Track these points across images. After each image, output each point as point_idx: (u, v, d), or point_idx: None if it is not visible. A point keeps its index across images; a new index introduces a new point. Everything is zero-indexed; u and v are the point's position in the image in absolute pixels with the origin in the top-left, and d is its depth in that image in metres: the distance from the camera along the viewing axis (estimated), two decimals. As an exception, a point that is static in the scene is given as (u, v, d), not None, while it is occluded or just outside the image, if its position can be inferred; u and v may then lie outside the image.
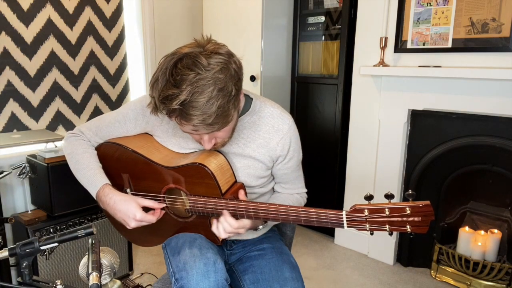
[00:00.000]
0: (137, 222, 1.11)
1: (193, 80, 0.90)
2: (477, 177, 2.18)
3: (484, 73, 1.86)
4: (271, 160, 1.19)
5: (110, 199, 1.12)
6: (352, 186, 2.55)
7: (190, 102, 0.90)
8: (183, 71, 0.91)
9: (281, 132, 1.17)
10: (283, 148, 1.17)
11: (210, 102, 0.91)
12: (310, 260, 2.46)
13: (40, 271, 1.78)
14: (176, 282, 1.03)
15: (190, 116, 0.92)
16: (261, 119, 1.17)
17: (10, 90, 2.04)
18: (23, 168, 1.87)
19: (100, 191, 1.13)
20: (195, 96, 0.90)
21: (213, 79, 0.91)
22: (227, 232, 1.06)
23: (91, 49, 2.36)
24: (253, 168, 1.17)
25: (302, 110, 2.81)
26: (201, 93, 0.90)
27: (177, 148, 1.20)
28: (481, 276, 2.09)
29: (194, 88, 0.90)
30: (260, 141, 1.16)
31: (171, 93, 0.91)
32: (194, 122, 0.93)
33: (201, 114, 0.92)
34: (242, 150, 1.17)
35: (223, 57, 0.95)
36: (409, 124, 2.25)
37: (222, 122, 0.98)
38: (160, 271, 2.26)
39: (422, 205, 0.90)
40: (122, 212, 1.11)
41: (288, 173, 1.24)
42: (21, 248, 0.81)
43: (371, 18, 2.27)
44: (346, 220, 0.96)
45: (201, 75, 0.90)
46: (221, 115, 0.95)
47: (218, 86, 0.92)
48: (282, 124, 1.17)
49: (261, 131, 1.17)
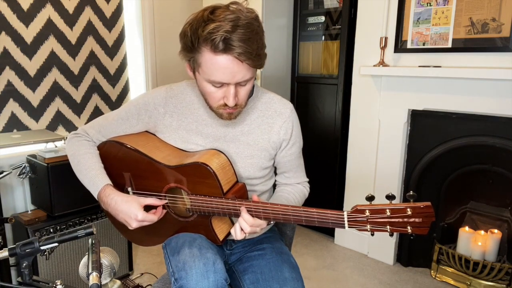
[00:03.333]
0: (138, 223, 1.10)
1: (234, 18, 0.96)
2: (477, 177, 2.18)
3: (484, 73, 1.86)
4: (275, 146, 1.20)
5: (112, 199, 1.12)
6: (352, 186, 2.55)
7: (234, 35, 0.95)
8: (224, 12, 0.97)
9: (283, 116, 1.19)
10: (286, 132, 1.20)
11: (250, 40, 0.97)
12: (310, 260, 2.46)
13: (40, 271, 1.78)
14: (176, 282, 1.03)
15: (234, 47, 0.96)
16: (263, 104, 1.20)
17: (10, 90, 2.04)
18: (23, 168, 1.87)
19: (102, 192, 1.13)
20: (237, 31, 0.95)
21: (250, 22, 0.98)
22: (245, 230, 1.05)
23: (91, 49, 2.36)
24: (257, 157, 1.18)
25: (302, 110, 2.81)
26: (242, 30, 0.96)
27: (180, 142, 1.20)
28: (481, 276, 2.09)
29: (235, 24, 0.95)
30: (264, 127, 1.19)
31: (215, 26, 0.95)
32: (239, 51, 0.96)
33: (244, 47, 0.96)
34: (246, 137, 1.18)
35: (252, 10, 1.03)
36: (409, 124, 2.25)
37: (259, 62, 1.03)
38: (160, 271, 2.26)
39: (423, 206, 0.90)
40: (124, 212, 1.11)
41: (291, 159, 1.25)
42: (21, 248, 0.81)
43: (371, 18, 2.27)
44: (347, 220, 0.96)
45: (240, 17, 0.97)
46: (258, 56, 1.01)
47: (255, 29, 0.99)
48: (284, 108, 1.20)
49: (264, 117, 1.19)
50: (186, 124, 1.19)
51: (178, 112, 1.19)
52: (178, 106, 1.20)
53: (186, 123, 1.19)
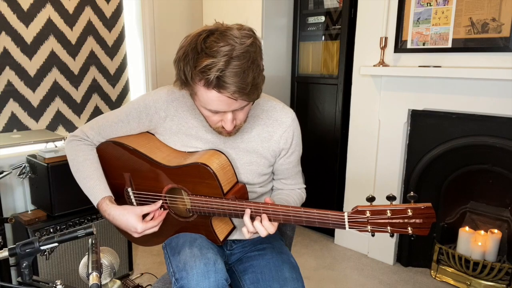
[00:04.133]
0: (140, 234, 1.12)
1: (228, 51, 0.92)
2: (477, 177, 2.18)
3: (484, 73, 1.86)
4: (274, 155, 1.20)
5: (109, 215, 1.13)
6: (352, 186, 2.55)
7: (228, 71, 0.92)
8: (217, 43, 0.93)
9: (284, 125, 1.18)
10: (286, 141, 1.19)
11: (246, 73, 0.93)
12: (310, 260, 2.46)
13: (40, 271, 1.78)
14: (176, 282, 1.03)
15: (228, 85, 0.93)
16: (264, 112, 1.19)
17: (10, 90, 2.04)
18: (23, 168, 1.87)
19: (99, 206, 1.14)
20: (232, 66, 0.92)
21: (246, 51, 0.93)
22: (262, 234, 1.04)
23: (91, 49, 2.35)
24: (256, 164, 1.18)
25: (302, 110, 2.81)
26: (237, 64, 0.92)
27: (179, 146, 1.20)
28: (481, 276, 2.09)
29: (230, 58, 0.91)
30: (264, 135, 1.18)
31: (209, 63, 0.91)
32: (232, 89, 0.93)
33: (238, 82, 0.93)
34: (246, 145, 1.17)
35: (249, 32, 0.97)
36: (409, 124, 2.25)
37: (255, 94, 0.99)
38: (160, 271, 2.25)
39: (423, 207, 0.90)
40: (123, 226, 1.12)
41: (289, 168, 1.25)
42: (21, 248, 0.81)
43: (371, 18, 2.27)
44: (347, 221, 0.96)
45: (235, 47, 0.92)
46: (254, 86, 0.97)
47: (251, 58, 0.95)
48: (285, 117, 1.19)
49: (264, 125, 1.18)
50: (186, 128, 1.18)
51: (179, 116, 1.18)
52: (179, 110, 1.18)
53: (186, 128, 1.18)
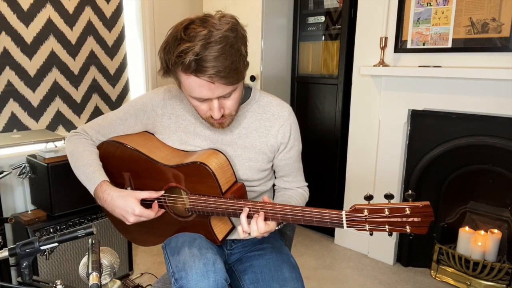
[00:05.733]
0: (136, 217, 1.10)
1: (205, 35, 0.93)
2: (477, 177, 2.18)
3: (484, 73, 1.86)
4: (273, 150, 1.20)
5: (108, 195, 1.11)
6: (352, 186, 2.55)
7: (204, 54, 0.93)
8: (195, 29, 0.95)
9: (281, 119, 1.19)
10: (284, 136, 1.19)
11: (223, 56, 0.94)
12: (310, 260, 2.46)
13: (40, 271, 1.78)
14: (176, 282, 1.03)
15: (206, 68, 0.94)
16: (261, 107, 1.20)
17: (10, 90, 2.04)
18: (23, 168, 1.87)
19: (98, 188, 1.13)
20: (208, 49, 0.93)
21: (224, 36, 0.94)
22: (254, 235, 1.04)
23: (91, 49, 2.36)
24: (255, 160, 1.18)
25: (302, 110, 2.81)
26: (214, 47, 0.93)
27: (178, 144, 1.20)
28: (481, 276, 2.09)
29: (207, 42, 0.93)
30: (262, 130, 1.18)
31: (185, 47, 0.93)
32: (210, 72, 0.94)
33: (216, 66, 0.94)
34: (244, 141, 1.18)
35: (231, 20, 0.99)
36: (409, 124, 2.25)
37: (235, 78, 0.99)
38: (160, 271, 2.26)
39: (422, 205, 0.90)
40: (120, 207, 1.10)
41: (290, 163, 1.25)
42: (21, 248, 0.82)
43: (371, 18, 2.27)
44: (345, 220, 0.96)
45: (212, 32, 0.94)
46: (234, 71, 0.97)
47: (229, 43, 0.95)
48: (282, 111, 1.19)
49: (261, 120, 1.18)
50: (184, 126, 1.19)
51: (176, 114, 1.19)
52: (176, 108, 1.20)
53: (184, 125, 1.19)
